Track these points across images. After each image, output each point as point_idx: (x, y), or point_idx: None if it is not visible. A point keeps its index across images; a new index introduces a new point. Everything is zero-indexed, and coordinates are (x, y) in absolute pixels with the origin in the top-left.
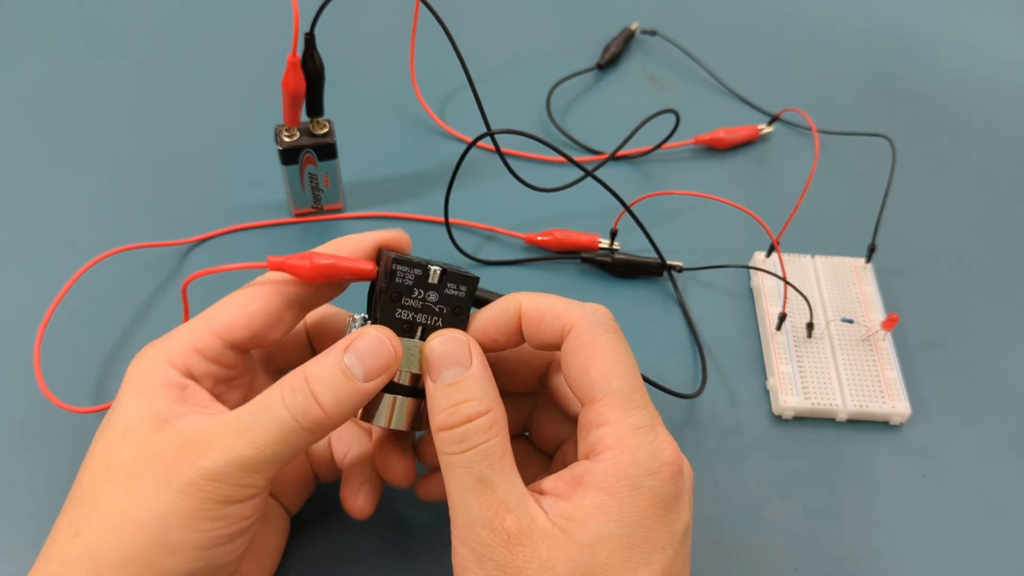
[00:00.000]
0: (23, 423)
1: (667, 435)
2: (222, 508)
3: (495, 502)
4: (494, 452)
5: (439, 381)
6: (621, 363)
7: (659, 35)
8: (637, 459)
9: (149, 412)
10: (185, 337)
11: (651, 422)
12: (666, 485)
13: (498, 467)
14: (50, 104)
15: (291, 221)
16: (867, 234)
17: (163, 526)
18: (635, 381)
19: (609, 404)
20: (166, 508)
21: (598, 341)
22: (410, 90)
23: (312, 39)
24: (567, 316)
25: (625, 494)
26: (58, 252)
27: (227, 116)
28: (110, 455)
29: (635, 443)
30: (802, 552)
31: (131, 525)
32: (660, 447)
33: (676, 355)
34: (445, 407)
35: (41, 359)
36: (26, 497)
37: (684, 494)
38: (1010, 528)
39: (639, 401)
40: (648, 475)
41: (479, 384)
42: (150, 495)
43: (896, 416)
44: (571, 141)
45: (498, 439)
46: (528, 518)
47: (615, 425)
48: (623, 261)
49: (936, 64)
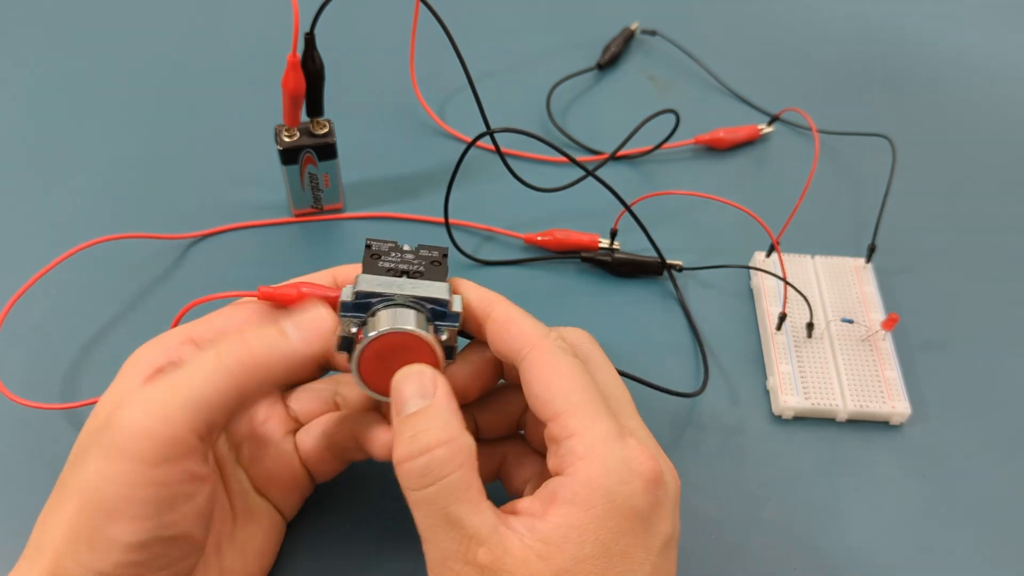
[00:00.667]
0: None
1: (639, 445)
2: (154, 469)
3: (465, 536)
4: (459, 485)
5: (402, 413)
6: (581, 379)
7: (659, 35)
8: (608, 467)
9: (116, 394)
10: (181, 329)
11: (618, 431)
12: (641, 495)
13: (464, 499)
14: (49, 104)
15: (291, 221)
16: (867, 234)
17: (100, 494)
18: (595, 394)
19: (574, 415)
20: (100, 476)
21: (557, 360)
22: (410, 90)
23: (312, 39)
24: (529, 335)
25: (600, 507)
26: (49, 247)
27: (227, 116)
28: (83, 439)
29: (604, 451)
30: (802, 552)
31: (73, 499)
32: (631, 455)
33: (676, 354)
34: (406, 437)
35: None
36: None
37: (664, 505)
38: (1010, 528)
39: (602, 410)
40: (621, 484)
41: (441, 414)
42: (89, 466)
43: (896, 416)
44: (571, 141)
45: (462, 471)
46: (502, 548)
47: (583, 435)
48: (623, 260)
49: (936, 64)
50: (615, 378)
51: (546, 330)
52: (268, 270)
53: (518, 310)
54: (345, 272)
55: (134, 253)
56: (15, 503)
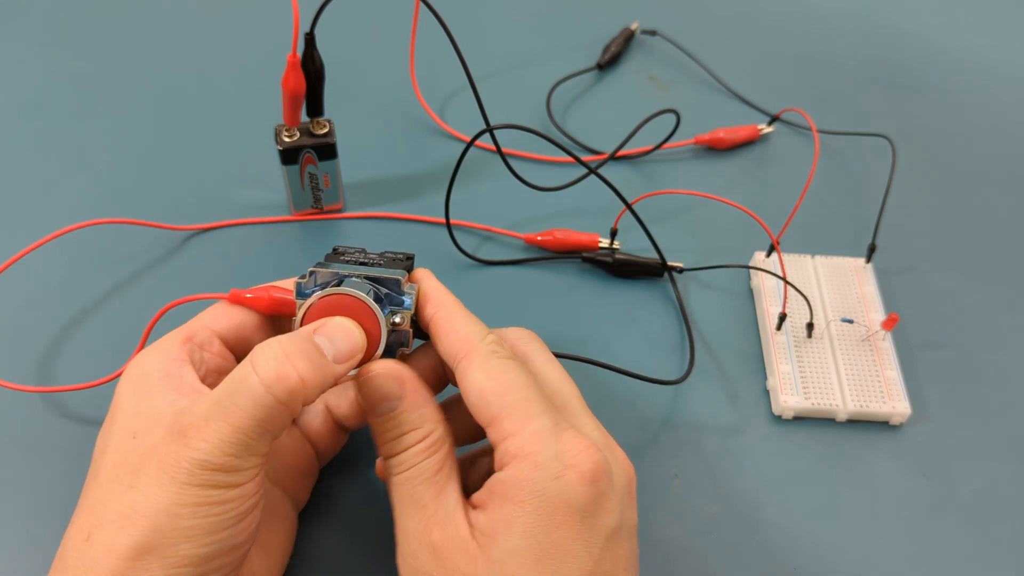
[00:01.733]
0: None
1: (575, 438)
2: (224, 492)
3: (425, 516)
4: (429, 470)
5: (375, 415)
6: (514, 381)
7: (659, 35)
8: (539, 463)
9: (152, 411)
10: (178, 331)
11: (553, 427)
12: (574, 488)
13: (431, 482)
14: (49, 103)
15: (292, 219)
16: (867, 234)
17: (172, 516)
18: (530, 393)
19: (508, 416)
20: (171, 499)
21: (488, 364)
22: (410, 90)
23: (312, 39)
24: (464, 341)
25: (531, 503)
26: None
27: (227, 116)
28: (121, 461)
29: (535, 448)
30: (802, 552)
31: (140, 520)
32: (565, 449)
33: (675, 355)
34: (386, 440)
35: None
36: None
37: (607, 497)
38: (1010, 528)
39: (535, 408)
40: (552, 479)
41: (414, 414)
42: (155, 489)
43: (896, 416)
44: (571, 141)
45: (434, 457)
46: (453, 530)
47: (516, 435)
48: (624, 261)
49: (937, 64)
50: (559, 373)
51: (482, 334)
52: (267, 268)
53: (459, 314)
54: None
55: (130, 241)
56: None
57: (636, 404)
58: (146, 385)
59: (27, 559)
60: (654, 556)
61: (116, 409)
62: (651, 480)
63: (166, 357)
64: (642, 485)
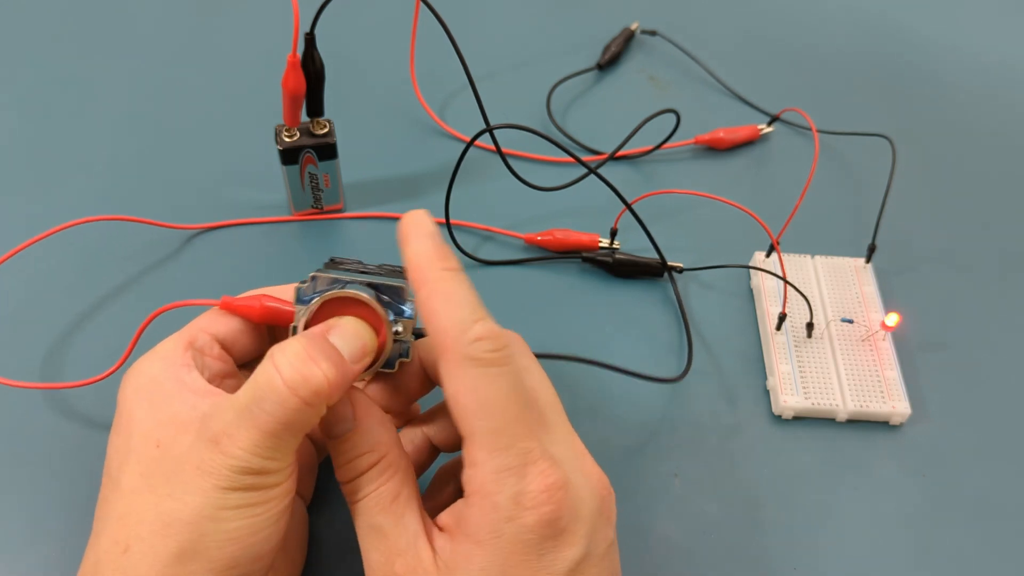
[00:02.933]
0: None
1: (540, 476)
2: (265, 493)
3: (387, 547)
4: (385, 497)
5: (329, 437)
6: (488, 398)
7: (659, 35)
8: (497, 504)
9: (174, 419)
10: (176, 337)
11: (518, 462)
12: (531, 530)
13: (390, 510)
14: (49, 103)
15: (292, 219)
16: (867, 234)
17: (214, 520)
18: (503, 418)
19: (476, 445)
20: (212, 504)
21: (463, 374)
22: (410, 90)
23: (312, 39)
24: (442, 338)
25: (488, 542)
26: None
27: (227, 116)
28: (149, 471)
29: (495, 488)
30: (802, 552)
31: (180, 526)
32: (527, 490)
33: (675, 355)
34: (340, 464)
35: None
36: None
37: (571, 531)
38: (1010, 528)
39: (505, 440)
40: (507, 521)
41: (367, 437)
42: (194, 497)
43: (896, 416)
44: (571, 141)
45: (390, 483)
46: (416, 560)
47: (478, 468)
48: (624, 261)
49: (936, 64)
50: (538, 380)
51: (464, 326)
52: (267, 268)
53: (444, 292)
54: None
55: (129, 239)
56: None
57: (636, 404)
58: (160, 392)
59: (27, 559)
60: (654, 556)
61: (130, 420)
62: (651, 480)
63: (173, 363)
64: (642, 485)
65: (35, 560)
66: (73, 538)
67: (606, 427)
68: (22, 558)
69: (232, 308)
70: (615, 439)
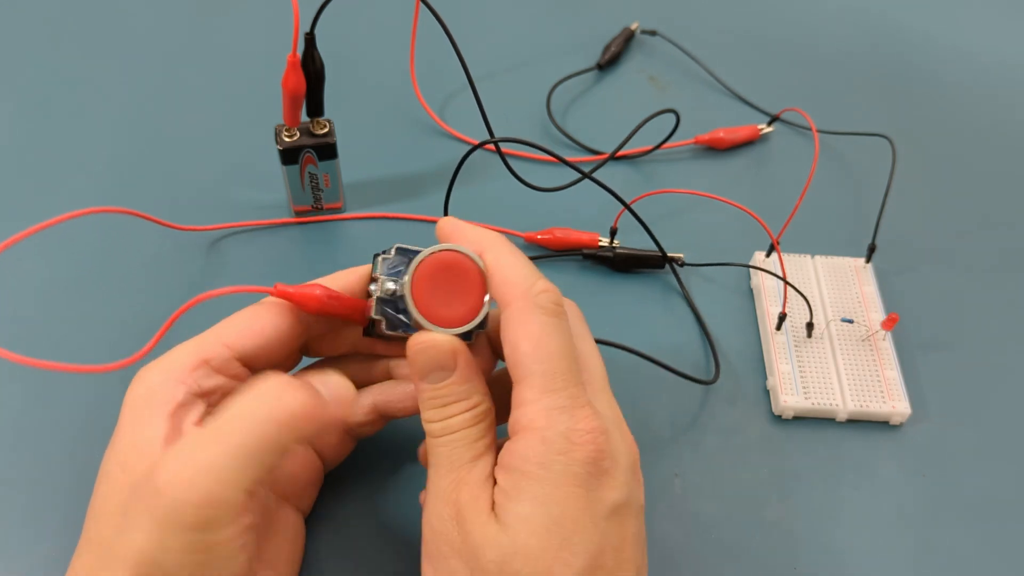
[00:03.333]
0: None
1: (587, 418)
2: (213, 534)
3: (458, 477)
4: (470, 436)
5: (425, 381)
6: (548, 346)
7: (659, 35)
8: (546, 438)
9: (145, 442)
10: (193, 349)
11: (568, 403)
12: (579, 464)
13: (471, 448)
14: (48, 103)
15: (292, 222)
16: (867, 234)
17: (157, 564)
18: (559, 364)
19: (529, 385)
20: (156, 546)
21: (529, 320)
22: (410, 90)
23: (312, 39)
24: (513, 287)
25: (537, 474)
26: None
27: (227, 116)
28: (108, 494)
29: (545, 423)
30: (802, 552)
31: (127, 568)
32: (575, 427)
33: (682, 347)
34: (431, 407)
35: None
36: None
37: (611, 474)
38: (1010, 528)
39: (559, 383)
40: (558, 454)
41: (463, 387)
42: (139, 535)
43: (896, 416)
44: (571, 141)
45: (478, 427)
46: (479, 495)
47: (530, 406)
48: (625, 255)
49: (937, 64)
50: (591, 351)
51: (532, 280)
52: (266, 270)
53: (510, 254)
54: (346, 275)
55: (128, 236)
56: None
57: (636, 404)
58: (148, 408)
59: (27, 559)
60: (654, 556)
61: (117, 431)
62: (651, 480)
63: (174, 382)
64: None
65: (35, 560)
66: (73, 538)
67: None
68: (22, 558)
69: (287, 296)
70: None
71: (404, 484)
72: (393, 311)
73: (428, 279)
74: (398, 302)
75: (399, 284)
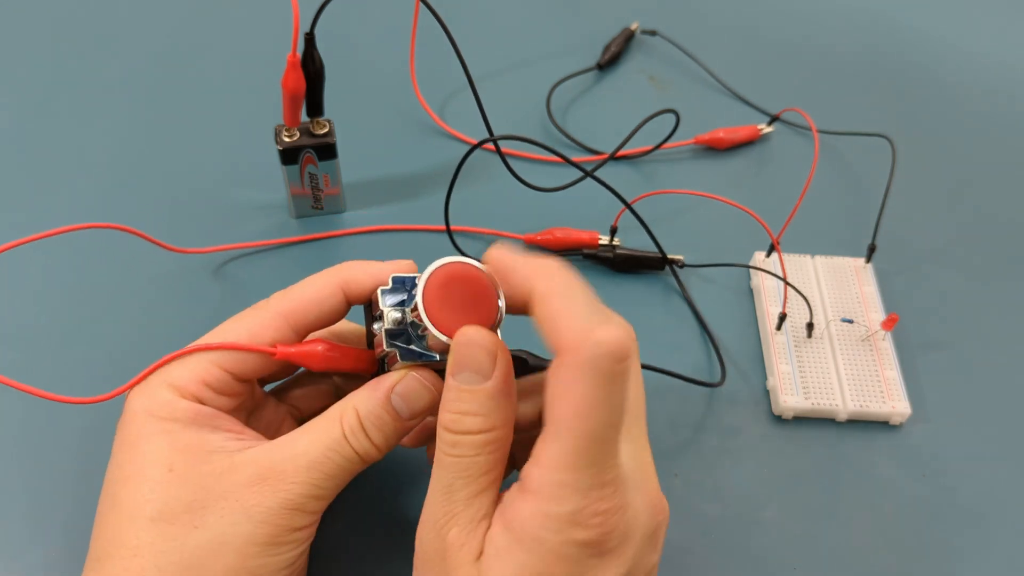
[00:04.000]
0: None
1: (601, 499)
2: (294, 533)
3: (451, 511)
4: (477, 468)
5: (456, 378)
6: (589, 417)
7: (659, 35)
8: (549, 514)
9: (189, 446)
10: (191, 370)
11: (588, 483)
12: (579, 547)
13: (474, 483)
14: (47, 104)
15: (292, 241)
16: (867, 234)
17: (243, 555)
18: (592, 443)
19: (552, 446)
20: (245, 538)
21: (576, 382)
22: (410, 90)
23: (312, 39)
24: (563, 336)
25: (530, 544)
26: None
27: (227, 116)
28: (158, 497)
29: (554, 497)
30: (802, 552)
31: (210, 560)
32: (585, 507)
33: (682, 348)
34: (452, 411)
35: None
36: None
37: (616, 552)
38: (1010, 528)
39: (584, 461)
40: (556, 532)
41: (491, 402)
42: (226, 528)
43: (896, 416)
44: (571, 141)
45: (488, 458)
46: (470, 535)
47: (545, 473)
48: (625, 256)
49: (936, 64)
50: (636, 389)
51: (590, 326)
52: (267, 269)
53: (566, 289)
54: (350, 268)
55: (124, 252)
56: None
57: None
58: (176, 420)
59: (27, 559)
60: None
61: (129, 442)
62: None
63: (182, 396)
64: None
65: (35, 560)
66: (73, 538)
67: None
68: (22, 558)
69: (289, 357)
70: None
71: (407, 488)
72: (404, 343)
73: (438, 296)
74: (408, 332)
75: (405, 311)
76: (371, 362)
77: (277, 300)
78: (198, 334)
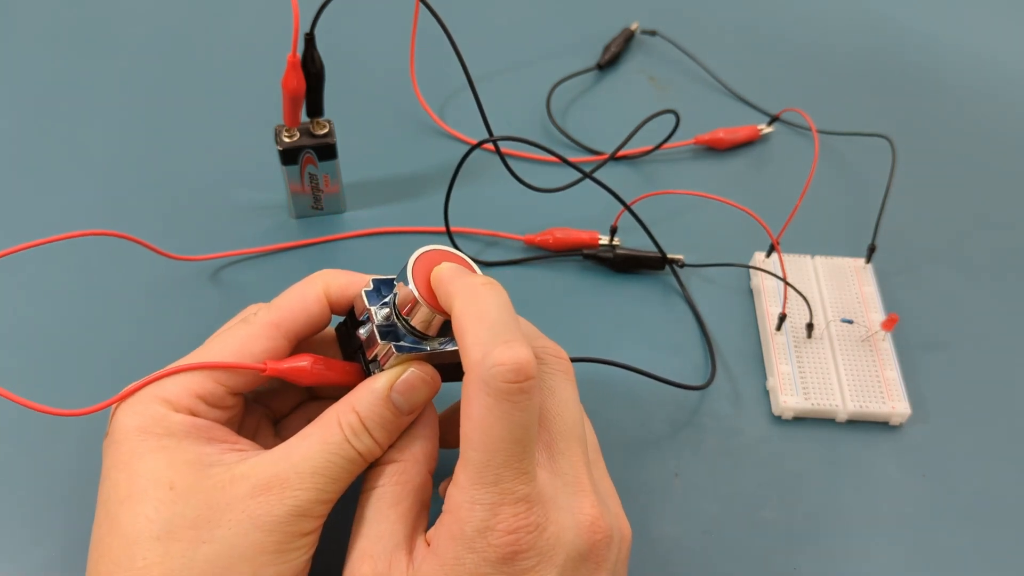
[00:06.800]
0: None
1: (515, 516)
2: (302, 538)
3: (364, 545)
4: (385, 497)
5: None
6: (488, 432)
7: (659, 35)
8: (463, 532)
9: (188, 461)
10: (184, 384)
11: (496, 499)
12: (492, 564)
13: (383, 512)
14: (46, 104)
15: (291, 246)
16: (867, 234)
17: (255, 564)
18: (496, 456)
19: (463, 468)
20: (256, 548)
21: (473, 399)
22: (410, 90)
23: (312, 39)
24: (465, 356)
25: (451, 565)
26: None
27: (227, 116)
28: (162, 516)
29: (467, 516)
30: (802, 552)
31: (223, 573)
32: (493, 526)
33: (681, 349)
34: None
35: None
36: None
37: (534, 572)
38: (1010, 528)
39: (490, 477)
40: (470, 551)
41: (404, 437)
42: (236, 540)
43: (896, 416)
44: (571, 141)
45: (395, 488)
46: (385, 569)
47: (458, 490)
48: (625, 256)
49: (936, 64)
50: (563, 405)
51: (489, 347)
52: (268, 269)
53: (474, 308)
54: (328, 274)
55: (124, 257)
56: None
57: (636, 403)
58: (171, 436)
59: (27, 559)
60: (654, 556)
61: (124, 460)
62: (651, 480)
63: (178, 407)
64: (642, 485)
65: (35, 560)
66: (73, 538)
67: (607, 427)
68: (22, 558)
69: (279, 373)
70: (615, 439)
71: None
72: (394, 340)
73: (425, 278)
74: (397, 328)
75: (394, 304)
76: (358, 374)
77: (266, 311)
78: (197, 340)
